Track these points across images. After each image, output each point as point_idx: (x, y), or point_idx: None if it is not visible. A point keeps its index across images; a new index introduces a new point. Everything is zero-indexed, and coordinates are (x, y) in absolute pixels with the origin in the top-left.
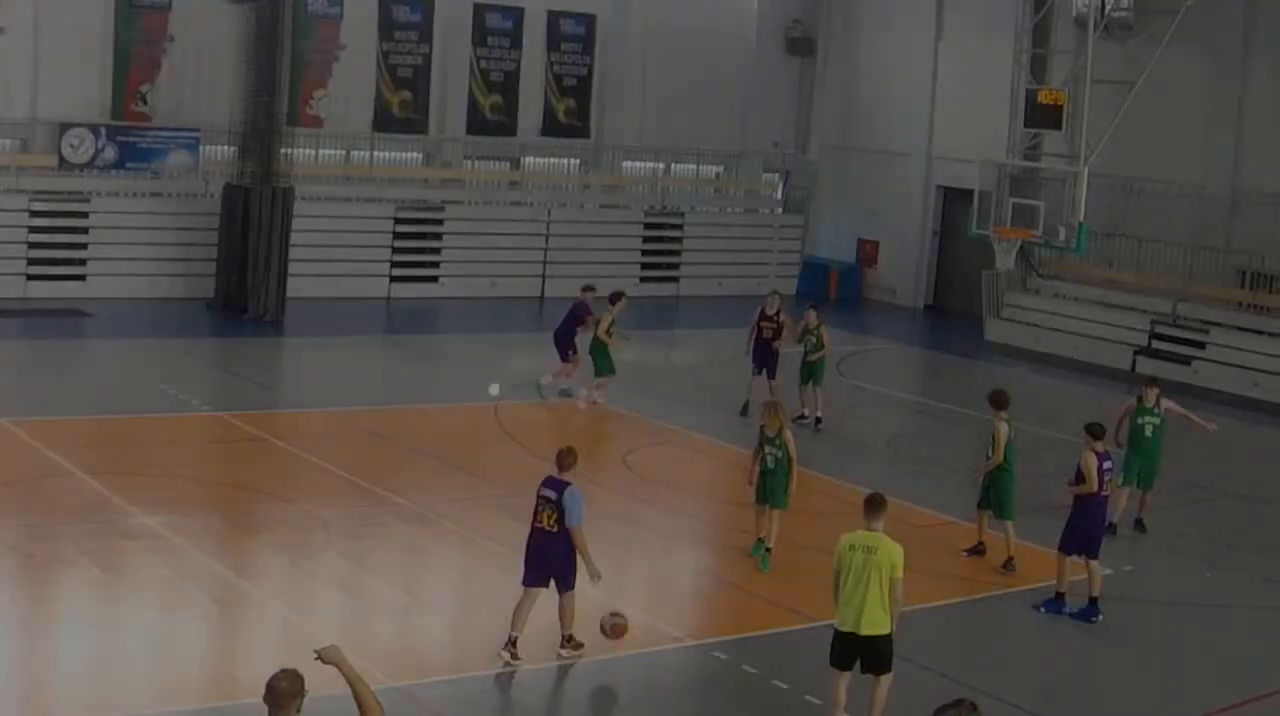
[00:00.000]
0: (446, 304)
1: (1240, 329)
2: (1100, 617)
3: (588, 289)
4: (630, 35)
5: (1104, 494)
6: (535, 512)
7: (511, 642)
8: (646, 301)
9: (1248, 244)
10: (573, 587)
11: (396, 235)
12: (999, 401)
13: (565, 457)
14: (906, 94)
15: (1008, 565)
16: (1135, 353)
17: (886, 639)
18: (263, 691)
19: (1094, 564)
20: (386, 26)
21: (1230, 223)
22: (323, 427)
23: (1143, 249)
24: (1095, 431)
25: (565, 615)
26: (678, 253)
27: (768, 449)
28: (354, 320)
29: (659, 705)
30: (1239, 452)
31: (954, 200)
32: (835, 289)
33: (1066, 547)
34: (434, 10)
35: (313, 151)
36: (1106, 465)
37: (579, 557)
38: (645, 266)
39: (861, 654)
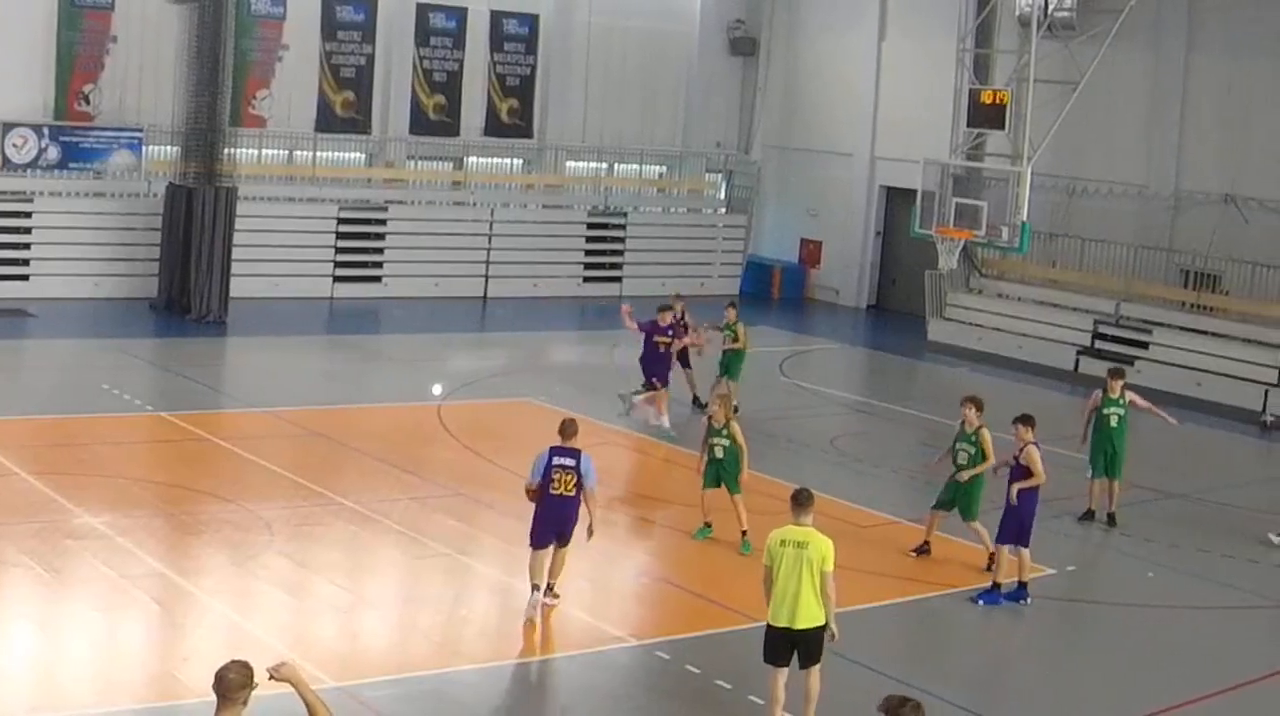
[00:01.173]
0: (389, 304)
1: (1183, 329)
2: (1029, 601)
3: (666, 309)
4: (573, 35)
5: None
6: (551, 481)
7: (548, 589)
8: (589, 301)
9: (1191, 244)
10: (568, 542)
11: (339, 235)
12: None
13: (570, 427)
14: (849, 94)
15: (991, 566)
16: (1078, 353)
17: (821, 630)
18: (212, 683)
19: (1025, 552)
20: (329, 27)
21: (1173, 222)
22: (266, 427)
23: (1086, 249)
24: (1029, 421)
25: (558, 567)
26: (621, 253)
27: (715, 439)
28: (297, 320)
29: (602, 705)
30: (1182, 453)
31: (897, 200)
32: (778, 289)
33: (1003, 538)
34: (377, 10)
35: (256, 151)
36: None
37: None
38: (588, 266)
39: (797, 647)
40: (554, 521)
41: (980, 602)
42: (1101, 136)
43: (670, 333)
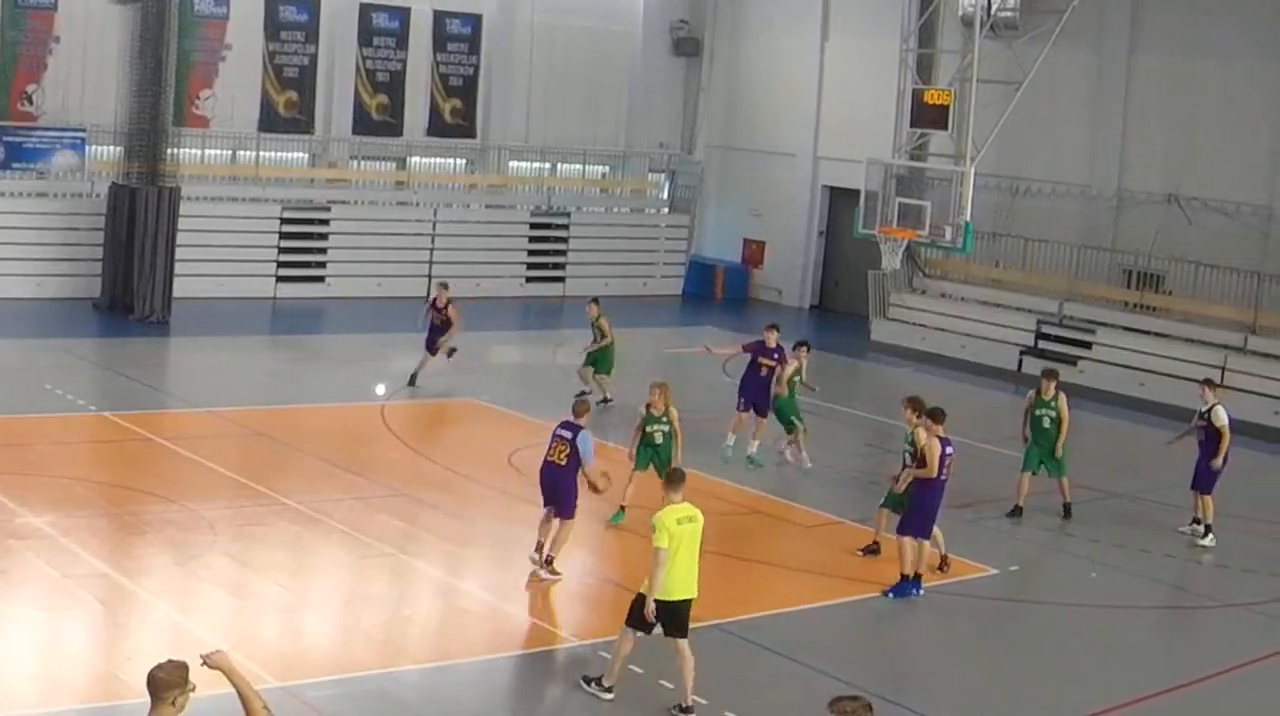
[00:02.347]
0: (332, 304)
1: (1126, 329)
2: (922, 592)
3: (771, 328)
4: (516, 35)
5: (943, 478)
6: (549, 447)
7: (548, 562)
8: (532, 301)
9: (1133, 244)
10: (571, 517)
11: (283, 235)
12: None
13: (581, 407)
14: (792, 94)
15: (943, 566)
16: (1021, 353)
17: (690, 603)
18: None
19: (925, 544)
20: (273, 27)
21: (1116, 222)
22: (209, 427)
23: (1029, 249)
24: (936, 416)
25: (559, 540)
26: (564, 253)
27: (655, 427)
28: (240, 320)
29: (544, 704)
30: (1125, 453)
31: (840, 200)
32: (721, 289)
33: (905, 530)
34: (320, 10)
35: (199, 151)
36: (948, 450)
37: (580, 490)
38: (531, 266)
39: (672, 618)
40: (547, 486)
41: (890, 596)
42: (1045, 136)
43: (776, 356)
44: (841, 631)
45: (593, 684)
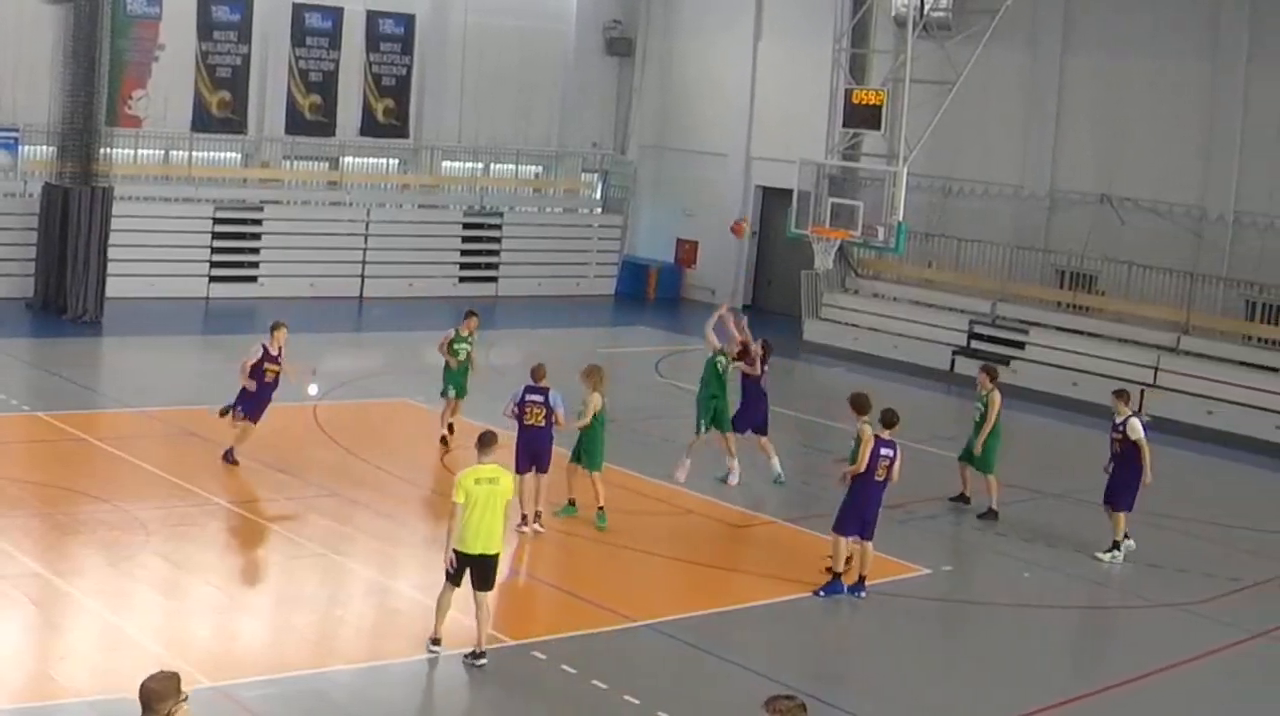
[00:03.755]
0: (265, 304)
1: (1059, 329)
2: (865, 594)
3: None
4: (449, 35)
5: (878, 478)
6: (524, 413)
7: (536, 516)
8: (465, 302)
9: (1066, 244)
10: (547, 470)
11: (215, 235)
12: (861, 406)
13: (539, 370)
14: (725, 94)
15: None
16: (954, 353)
17: (495, 559)
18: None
19: (868, 545)
20: (205, 26)
21: (1049, 222)
22: (142, 427)
23: (962, 249)
24: (887, 418)
25: (542, 494)
26: (497, 253)
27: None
28: (173, 320)
29: (478, 705)
30: (1058, 453)
31: (773, 200)
32: (654, 289)
33: (843, 529)
34: (253, 10)
35: (132, 151)
36: (885, 451)
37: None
38: (464, 266)
39: (476, 571)
40: (528, 449)
41: (821, 595)
42: (977, 137)
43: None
44: (775, 631)
45: (435, 644)
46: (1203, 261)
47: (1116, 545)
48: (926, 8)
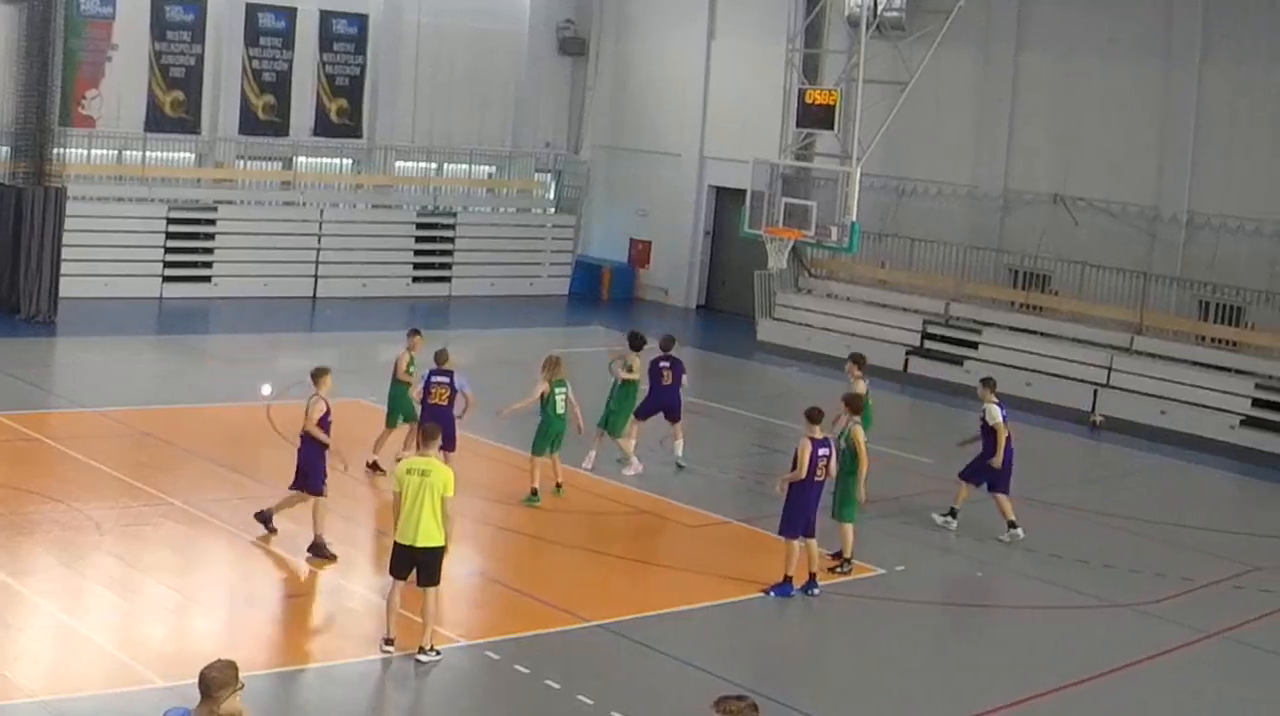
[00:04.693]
0: (219, 304)
1: (1012, 329)
2: (819, 590)
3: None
4: (403, 35)
5: (818, 479)
6: (429, 394)
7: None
8: (419, 302)
9: (1020, 244)
10: (453, 448)
11: (169, 235)
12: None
13: (442, 355)
14: (679, 94)
15: (840, 565)
16: (908, 353)
17: (438, 551)
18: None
19: (812, 542)
20: (159, 26)
21: (1002, 222)
22: (95, 427)
23: (915, 249)
24: (813, 416)
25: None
26: (450, 253)
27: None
28: (127, 320)
29: (431, 704)
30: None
31: (726, 200)
32: (607, 289)
33: (792, 532)
34: (206, 10)
35: (85, 151)
36: (822, 452)
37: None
38: (417, 266)
39: (417, 565)
40: (437, 425)
41: (772, 595)
42: (931, 137)
43: (666, 363)
44: (727, 631)
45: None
46: (1156, 261)
47: (1012, 524)
48: (880, 8)
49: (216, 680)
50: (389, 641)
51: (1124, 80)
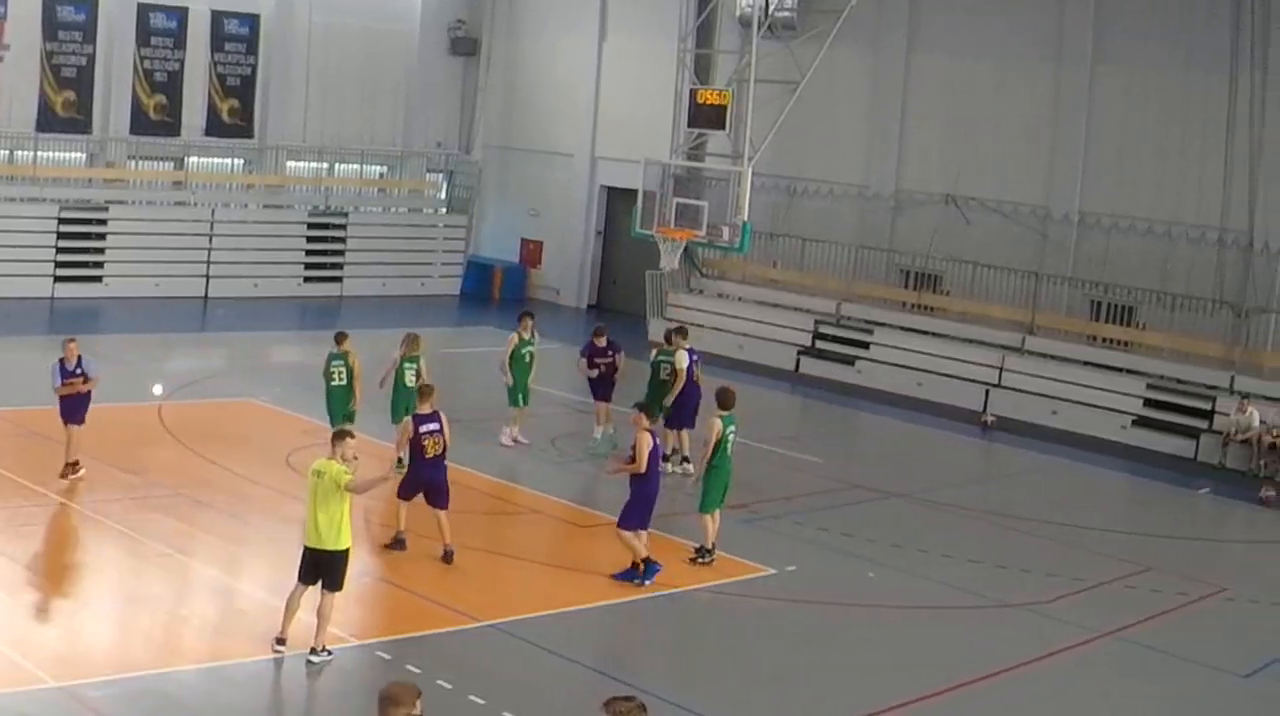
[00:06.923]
0: (110, 304)
1: (904, 329)
2: (651, 581)
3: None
4: (294, 35)
5: (658, 471)
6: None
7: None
8: (310, 302)
9: (911, 244)
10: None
11: (60, 235)
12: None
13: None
14: (570, 94)
15: (701, 556)
16: (799, 353)
17: (339, 556)
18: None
19: (643, 534)
20: (50, 26)
21: (894, 222)
22: None
23: (807, 249)
24: (643, 408)
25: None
26: (341, 253)
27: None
28: (17, 320)
29: (322, 704)
30: (904, 453)
31: (618, 200)
32: (499, 289)
33: (631, 525)
34: (98, 10)
35: None
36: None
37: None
38: (309, 267)
39: (320, 569)
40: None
41: (616, 578)
42: (823, 137)
43: (610, 353)
44: (619, 631)
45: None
46: (1048, 261)
47: (685, 459)
48: (771, 7)
49: (394, 696)
50: (281, 640)
51: (1015, 81)
